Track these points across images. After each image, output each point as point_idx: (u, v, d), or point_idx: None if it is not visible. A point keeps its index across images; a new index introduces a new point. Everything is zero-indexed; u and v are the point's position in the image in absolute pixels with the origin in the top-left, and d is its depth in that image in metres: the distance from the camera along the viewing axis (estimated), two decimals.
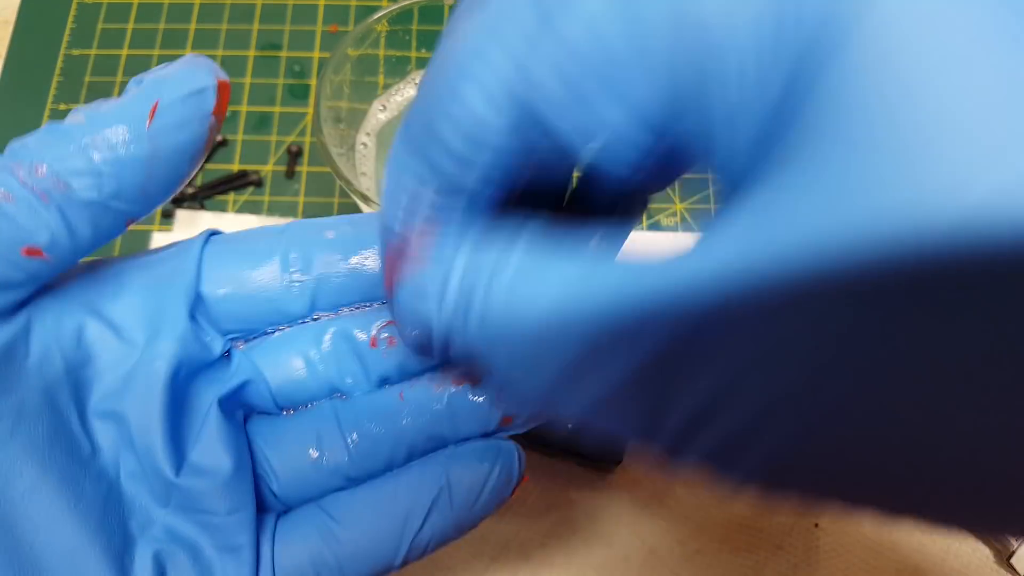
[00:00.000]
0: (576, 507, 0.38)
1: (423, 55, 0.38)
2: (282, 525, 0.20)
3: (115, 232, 0.19)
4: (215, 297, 0.20)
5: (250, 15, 0.51)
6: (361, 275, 0.20)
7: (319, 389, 0.21)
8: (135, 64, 0.49)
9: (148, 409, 0.18)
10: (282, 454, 0.20)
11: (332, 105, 0.34)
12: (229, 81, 0.20)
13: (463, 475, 0.20)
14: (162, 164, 0.18)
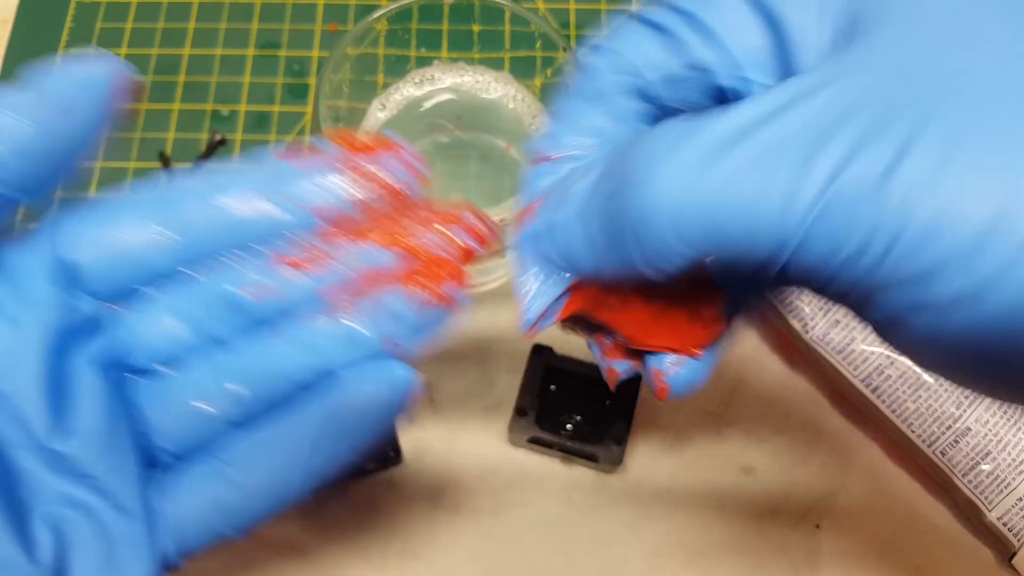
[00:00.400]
0: (577, 508, 0.38)
1: (422, 54, 0.37)
2: (176, 478, 0.20)
3: (2, 216, 0.19)
4: (78, 260, 0.20)
5: (249, 14, 0.51)
6: (227, 221, 0.20)
7: (197, 342, 0.21)
8: (134, 63, 0.49)
9: (23, 379, 0.19)
10: (165, 410, 0.21)
11: (331, 104, 0.34)
12: (136, 79, 0.20)
13: (348, 399, 0.21)
14: (48, 151, 0.19)
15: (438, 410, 0.40)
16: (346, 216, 0.21)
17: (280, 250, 0.21)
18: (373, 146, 0.21)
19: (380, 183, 0.21)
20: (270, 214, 0.20)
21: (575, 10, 0.51)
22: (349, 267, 0.21)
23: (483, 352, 0.41)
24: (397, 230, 0.21)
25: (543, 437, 0.37)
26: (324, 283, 0.21)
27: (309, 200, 0.21)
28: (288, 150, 0.21)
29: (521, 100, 0.38)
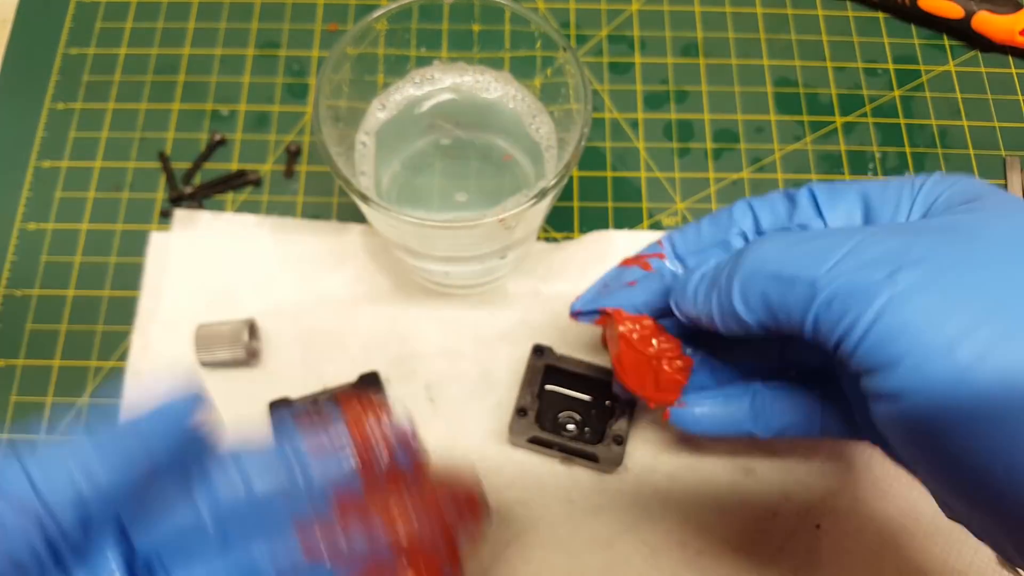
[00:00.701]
0: (577, 508, 0.38)
1: (422, 54, 0.37)
2: None
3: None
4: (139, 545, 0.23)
5: (249, 13, 0.51)
6: (251, 502, 0.24)
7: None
8: (133, 63, 0.49)
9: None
10: None
11: (331, 104, 0.34)
12: (211, 416, 0.25)
13: None
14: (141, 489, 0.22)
15: (438, 410, 0.40)
16: (350, 492, 0.24)
17: (294, 525, 0.23)
18: (381, 430, 0.25)
19: (385, 464, 0.25)
20: (285, 494, 0.24)
21: (575, 10, 0.51)
22: (356, 554, 0.23)
23: (483, 352, 0.41)
24: (396, 512, 0.24)
25: (543, 437, 0.37)
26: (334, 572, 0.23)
27: (318, 480, 0.24)
28: (305, 430, 0.25)
29: (521, 100, 0.38)
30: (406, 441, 0.26)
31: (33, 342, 0.42)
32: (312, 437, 0.25)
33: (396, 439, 0.26)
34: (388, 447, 0.25)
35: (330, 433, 0.25)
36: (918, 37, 0.51)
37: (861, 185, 0.29)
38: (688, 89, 0.49)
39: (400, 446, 0.26)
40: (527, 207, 0.31)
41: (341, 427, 0.25)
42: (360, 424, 0.26)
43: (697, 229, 0.33)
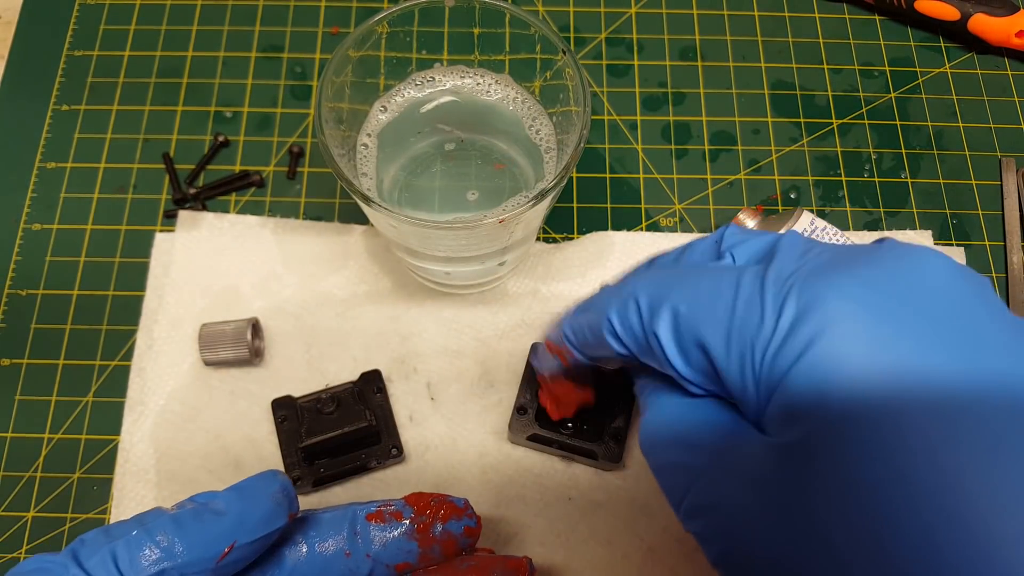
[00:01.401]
0: (576, 506, 0.39)
1: (424, 56, 0.38)
2: None
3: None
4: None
5: (252, 16, 0.51)
6: (318, 563, 0.28)
7: None
8: (137, 65, 0.49)
9: None
10: None
11: (333, 106, 0.34)
12: (297, 512, 0.27)
13: None
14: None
15: (439, 408, 0.41)
16: (406, 568, 0.29)
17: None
18: (442, 509, 0.29)
19: (443, 543, 0.29)
20: (349, 566, 0.28)
21: (574, 13, 0.52)
22: None
23: (483, 351, 0.42)
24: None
25: (543, 435, 0.37)
26: None
27: (381, 556, 0.28)
28: (377, 512, 0.29)
29: (521, 102, 0.38)
30: (459, 511, 0.29)
31: (38, 341, 0.43)
32: (379, 518, 0.29)
33: (450, 511, 0.29)
34: (443, 516, 0.29)
35: (390, 503, 0.29)
36: (914, 39, 0.51)
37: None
38: (686, 91, 0.49)
39: (455, 517, 0.29)
40: (527, 208, 0.32)
41: (400, 501, 0.29)
42: (419, 498, 0.29)
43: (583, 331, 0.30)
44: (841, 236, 0.40)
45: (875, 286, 0.21)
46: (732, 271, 0.24)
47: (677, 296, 0.24)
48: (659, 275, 0.26)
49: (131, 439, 0.40)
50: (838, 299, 0.21)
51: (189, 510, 0.25)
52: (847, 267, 0.22)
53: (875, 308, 0.21)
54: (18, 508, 0.39)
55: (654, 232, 0.45)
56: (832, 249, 0.24)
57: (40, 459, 0.40)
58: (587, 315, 0.28)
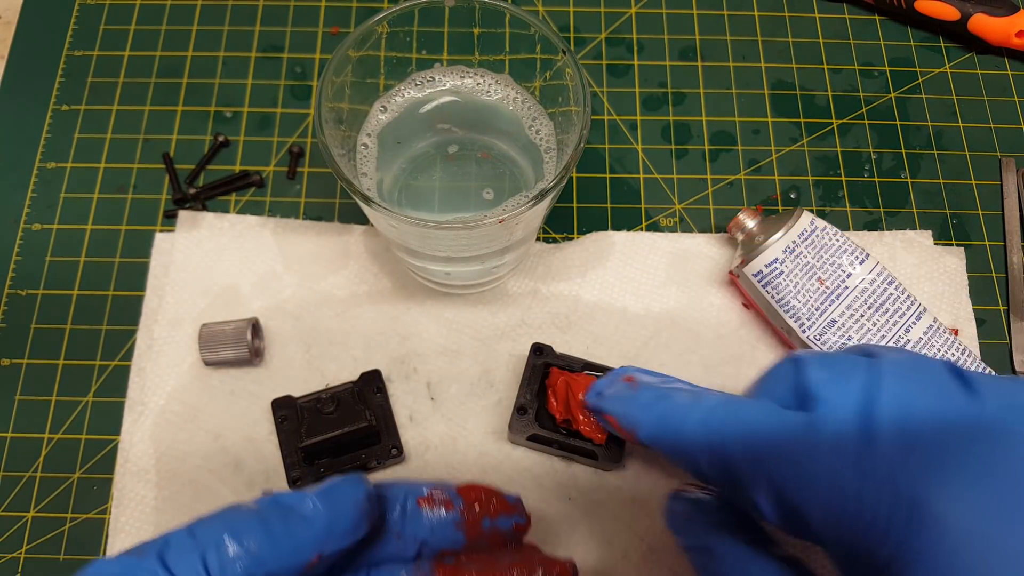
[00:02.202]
0: (575, 505, 0.39)
1: (424, 56, 0.38)
2: None
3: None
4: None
5: (252, 17, 0.51)
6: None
7: None
8: (137, 65, 0.49)
9: None
10: None
11: (333, 106, 0.34)
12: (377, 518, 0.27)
13: None
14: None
15: (439, 408, 0.41)
16: (453, 549, 0.28)
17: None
18: (492, 503, 0.29)
19: (490, 537, 0.29)
20: (398, 547, 0.28)
21: (574, 13, 0.52)
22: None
23: (483, 351, 0.42)
24: (494, 570, 0.28)
25: (542, 435, 0.38)
26: None
27: (429, 540, 0.28)
28: (428, 497, 0.29)
29: (521, 102, 0.38)
30: (510, 508, 0.29)
31: (38, 341, 0.43)
32: (433, 506, 0.28)
33: (501, 507, 0.29)
34: (493, 511, 0.29)
35: (442, 490, 0.29)
36: (914, 39, 0.51)
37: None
38: (686, 91, 0.49)
39: (505, 513, 0.29)
40: (527, 208, 0.32)
41: (452, 490, 0.29)
42: (471, 490, 0.29)
43: None
44: (841, 236, 0.40)
45: (982, 493, 0.21)
46: (831, 447, 0.23)
47: (777, 471, 0.24)
48: (751, 425, 0.26)
49: (131, 439, 0.40)
50: (947, 507, 0.21)
51: (277, 514, 0.24)
52: (953, 468, 0.21)
53: (985, 520, 0.21)
54: (18, 508, 0.39)
55: (654, 232, 0.45)
56: (936, 428, 0.22)
57: (40, 459, 0.40)
58: (673, 436, 0.28)
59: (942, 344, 0.39)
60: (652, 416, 0.29)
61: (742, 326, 0.43)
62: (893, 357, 0.25)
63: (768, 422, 0.25)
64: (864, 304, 0.39)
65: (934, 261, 0.44)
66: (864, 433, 0.23)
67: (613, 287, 0.43)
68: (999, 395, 0.22)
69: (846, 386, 0.24)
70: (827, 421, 0.24)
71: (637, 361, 0.42)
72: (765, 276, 0.40)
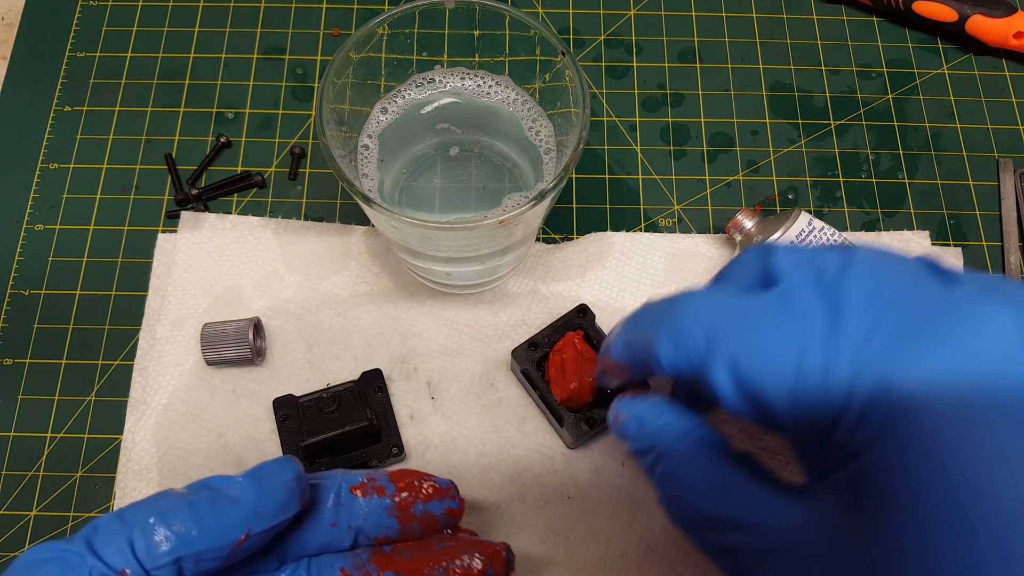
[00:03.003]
0: (575, 504, 0.39)
1: (424, 58, 0.38)
2: None
3: None
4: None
5: (254, 18, 0.51)
6: (300, 539, 0.28)
7: None
8: (139, 66, 0.50)
9: None
10: None
11: (334, 107, 0.35)
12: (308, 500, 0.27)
13: None
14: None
15: (440, 407, 0.41)
16: (386, 542, 0.29)
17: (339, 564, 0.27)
18: (423, 488, 0.29)
19: (423, 522, 0.29)
20: (334, 536, 0.28)
21: (573, 15, 0.52)
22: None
23: (483, 351, 0.42)
24: (427, 562, 0.28)
25: (534, 376, 0.38)
26: None
27: (364, 528, 0.28)
28: (362, 484, 0.29)
29: (521, 103, 0.39)
30: (442, 492, 0.30)
31: (40, 341, 0.43)
32: (365, 493, 0.29)
33: (433, 492, 0.29)
34: (424, 496, 0.29)
35: (375, 477, 0.29)
36: (912, 40, 0.51)
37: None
38: (684, 93, 0.50)
39: (437, 498, 0.29)
40: (527, 209, 0.32)
41: (385, 477, 0.29)
42: (404, 475, 0.30)
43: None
44: (839, 236, 0.40)
45: (949, 370, 0.20)
46: (794, 320, 0.22)
47: (735, 343, 0.23)
48: (711, 303, 0.25)
49: (133, 438, 0.40)
50: (911, 383, 0.20)
51: (205, 496, 0.25)
52: (921, 344, 0.21)
53: (948, 400, 0.20)
54: (21, 507, 0.40)
55: (653, 233, 0.45)
56: (906, 305, 0.22)
57: (43, 458, 0.41)
58: (639, 332, 0.28)
59: None
60: (621, 328, 0.29)
61: None
62: (866, 248, 0.24)
63: (731, 301, 0.24)
64: None
65: None
66: (831, 308, 0.22)
67: (612, 287, 0.44)
68: (973, 280, 0.22)
69: (814, 267, 0.23)
70: (792, 296, 0.23)
71: None
72: None
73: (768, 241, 0.26)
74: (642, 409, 0.28)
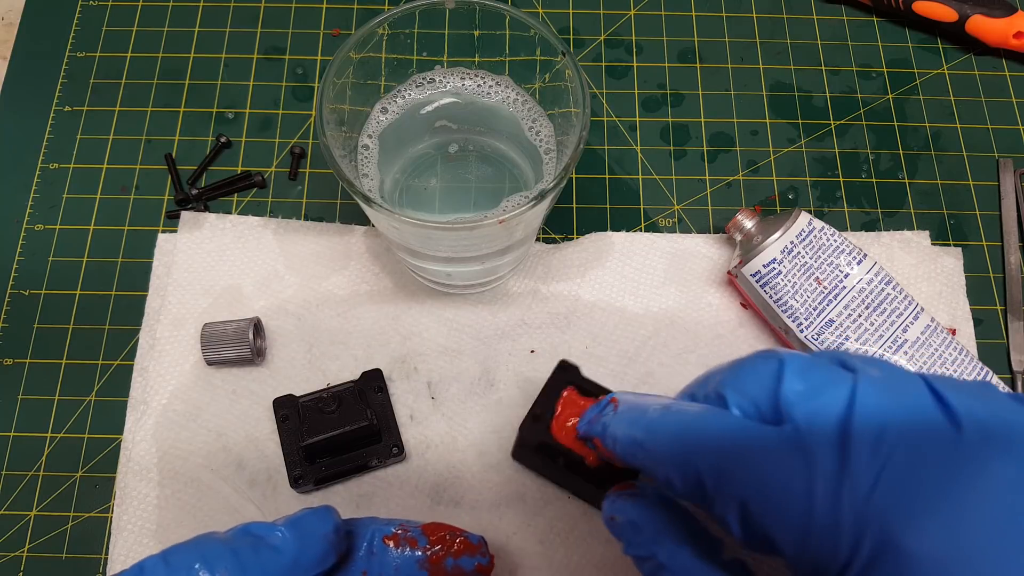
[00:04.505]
0: (574, 504, 0.39)
1: (424, 58, 0.38)
2: None
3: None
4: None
5: (254, 18, 0.51)
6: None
7: None
8: (139, 66, 0.50)
9: None
10: None
11: (335, 108, 0.35)
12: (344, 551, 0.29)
13: None
14: None
15: (440, 407, 0.41)
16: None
17: None
18: (456, 544, 0.30)
19: (452, 567, 0.30)
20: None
21: (573, 15, 0.52)
22: None
23: (483, 351, 0.42)
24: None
25: (551, 444, 0.35)
26: None
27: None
28: (394, 535, 0.29)
29: (521, 103, 0.39)
30: (474, 548, 0.30)
31: (40, 341, 0.43)
32: (396, 544, 0.29)
33: (464, 547, 0.30)
34: (456, 551, 0.30)
35: (408, 528, 0.29)
36: (912, 40, 0.51)
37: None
38: (684, 93, 0.50)
39: (468, 553, 0.30)
40: (527, 209, 0.32)
41: (418, 529, 0.30)
42: (436, 529, 0.30)
43: None
44: (839, 237, 0.40)
45: (952, 530, 0.20)
46: (801, 465, 0.23)
47: (744, 486, 0.24)
48: (720, 437, 0.25)
49: (133, 438, 0.40)
50: (915, 543, 0.20)
51: (247, 544, 0.25)
52: (925, 500, 0.21)
53: (952, 559, 0.20)
54: (21, 507, 0.40)
55: (653, 232, 0.45)
56: (911, 454, 0.22)
57: (43, 458, 0.41)
58: (646, 451, 0.27)
59: (939, 344, 0.40)
60: (627, 430, 0.29)
61: (740, 326, 0.43)
62: (871, 374, 0.24)
63: (739, 438, 0.24)
64: (862, 304, 0.40)
65: (932, 261, 0.45)
66: (837, 452, 0.22)
67: (612, 287, 0.44)
68: (977, 420, 0.22)
69: (822, 406, 0.23)
70: (799, 438, 0.23)
71: (636, 360, 0.42)
72: (763, 276, 0.40)
73: (777, 351, 0.26)
74: (636, 515, 0.28)
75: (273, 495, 0.39)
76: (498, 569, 0.38)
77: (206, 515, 0.39)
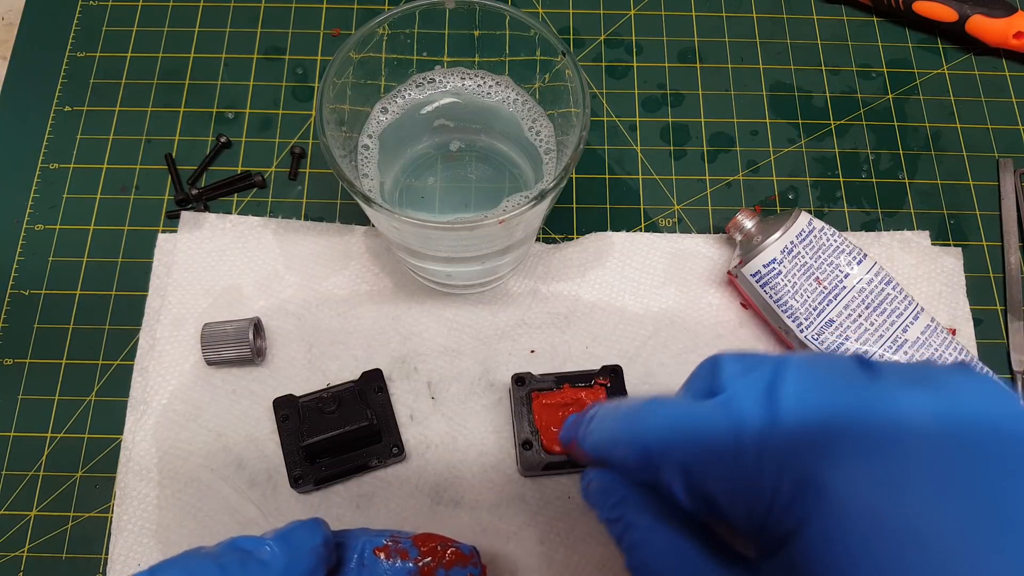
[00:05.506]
0: (575, 504, 0.39)
1: (424, 58, 0.38)
2: None
3: None
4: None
5: (254, 18, 0.51)
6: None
7: None
8: (139, 66, 0.50)
9: None
10: None
11: (335, 108, 0.35)
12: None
13: None
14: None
15: (440, 407, 0.41)
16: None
17: None
18: (447, 554, 0.30)
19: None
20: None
21: (573, 15, 0.52)
22: None
23: (483, 351, 0.42)
24: None
25: (558, 462, 0.38)
26: None
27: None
28: (385, 547, 0.29)
29: (521, 104, 0.39)
30: (465, 559, 0.30)
31: (41, 341, 0.43)
32: (388, 556, 0.29)
33: (456, 558, 0.30)
34: (448, 562, 0.30)
35: (399, 540, 0.29)
36: (912, 40, 0.51)
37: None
38: (684, 93, 0.50)
39: (459, 564, 0.30)
40: (527, 209, 0.32)
41: (408, 540, 0.30)
42: (428, 540, 0.30)
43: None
44: (839, 237, 0.40)
45: (864, 462, 0.22)
46: (732, 425, 0.25)
47: (684, 451, 0.25)
48: (664, 413, 0.27)
49: (133, 438, 0.40)
50: (830, 477, 0.22)
51: (235, 559, 0.25)
52: (839, 438, 0.22)
53: (870, 493, 0.21)
54: (21, 507, 0.40)
55: (653, 232, 0.45)
56: (827, 399, 0.24)
57: (43, 458, 0.41)
58: (604, 440, 0.29)
59: (939, 344, 0.40)
60: (591, 426, 0.30)
61: (740, 326, 0.43)
62: (802, 353, 0.26)
63: (679, 412, 0.26)
64: (862, 304, 0.40)
65: (932, 261, 0.45)
66: (765, 419, 0.24)
67: (612, 287, 0.44)
68: (896, 371, 0.24)
69: (752, 377, 0.25)
70: (731, 408, 0.25)
71: (636, 360, 0.42)
72: (763, 276, 0.40)
73: (720, 352, 0.28)
74: (607, 480, 0.30)
75: (273, 495, 0.39)
76: (498, 569, 0.38)
77: (206, 515, 0.39)
